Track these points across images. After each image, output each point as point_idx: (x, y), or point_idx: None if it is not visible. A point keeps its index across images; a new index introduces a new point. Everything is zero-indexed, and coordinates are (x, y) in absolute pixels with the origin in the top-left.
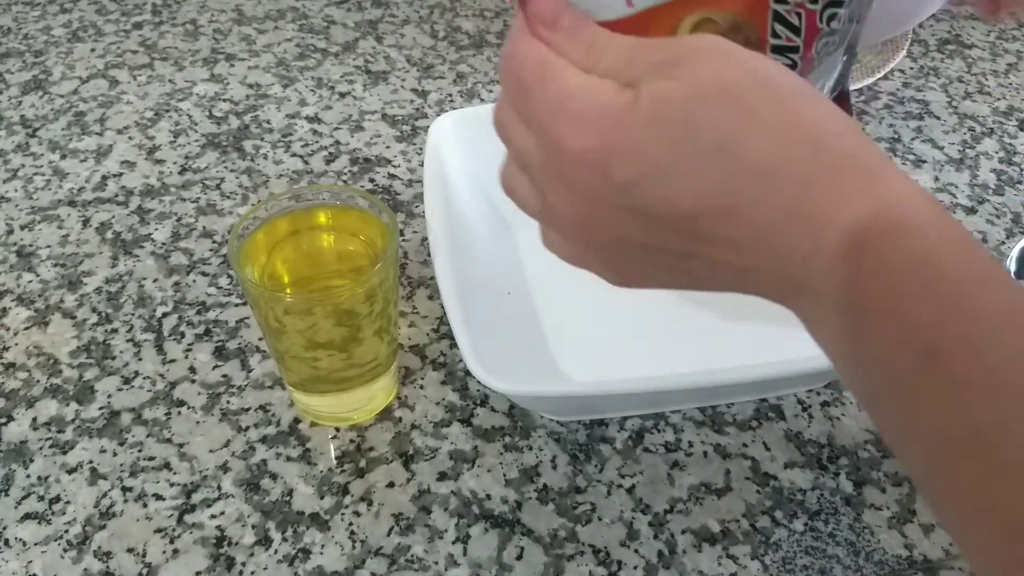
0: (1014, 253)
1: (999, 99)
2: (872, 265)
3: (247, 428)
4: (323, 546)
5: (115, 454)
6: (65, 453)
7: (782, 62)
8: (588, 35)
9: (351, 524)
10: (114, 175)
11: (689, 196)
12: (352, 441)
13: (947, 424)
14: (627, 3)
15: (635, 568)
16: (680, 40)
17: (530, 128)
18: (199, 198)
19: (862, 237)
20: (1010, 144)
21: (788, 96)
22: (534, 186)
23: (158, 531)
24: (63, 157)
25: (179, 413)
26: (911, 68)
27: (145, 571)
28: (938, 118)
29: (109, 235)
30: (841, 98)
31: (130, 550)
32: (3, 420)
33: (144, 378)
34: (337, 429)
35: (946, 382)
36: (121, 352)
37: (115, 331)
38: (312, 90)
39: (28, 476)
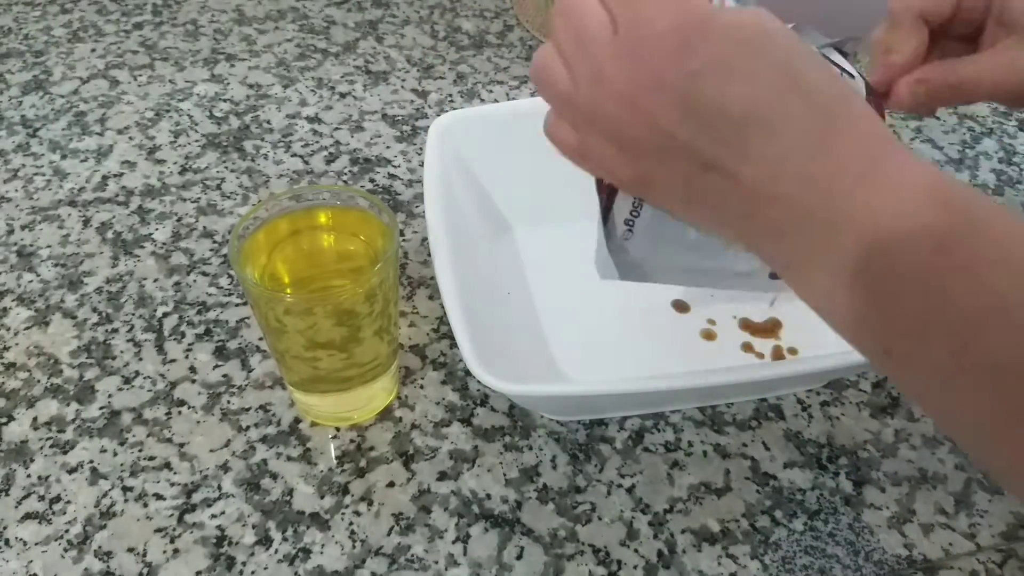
0: None
1: None
2: (889, 191)
3: (247, 428)
4: (323, 546)
5: (115, 454)
6: (65, 453)
7: None
8: None
9: (351, 524)
10: (114, 175)
11: (743, 100)
12: (352, 441)
13: (968, 301)
14: None
15: (635, 568)
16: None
17: (603, 6)
18: (199, 198)
19: (880, 168)
20: (1010, 144)
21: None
22: (568, 68)
23: (158, 531)
24: (63, 157)
25: (179, 413)
26: None
27: (145, 571)
28: (938, 118)
29: (109, 235)
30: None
31: (130, 550)
32: (3, 420)
33: (144, 378)
34: (337, 429)
35: (958, 265)
36: (121, 352)
37: (115, 331)
38: (312, 90)
39: (28, 476)
